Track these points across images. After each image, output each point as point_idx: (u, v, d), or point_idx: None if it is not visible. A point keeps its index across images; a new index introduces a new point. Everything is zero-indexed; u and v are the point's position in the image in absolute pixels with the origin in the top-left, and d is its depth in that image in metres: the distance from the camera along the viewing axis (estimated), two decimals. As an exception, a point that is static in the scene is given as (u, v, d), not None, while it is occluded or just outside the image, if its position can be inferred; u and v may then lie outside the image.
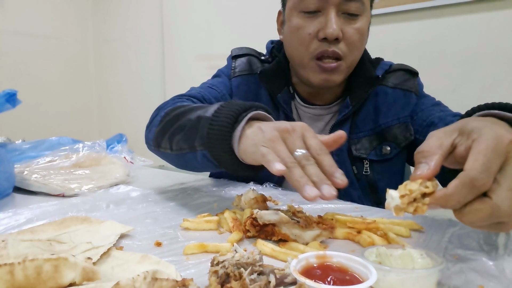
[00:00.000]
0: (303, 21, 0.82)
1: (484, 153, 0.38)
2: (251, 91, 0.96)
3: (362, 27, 0.82)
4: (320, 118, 0.94)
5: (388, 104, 0.89)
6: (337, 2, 0.79)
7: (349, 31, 0.81)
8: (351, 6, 0.80)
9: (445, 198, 0.39)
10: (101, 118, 3.24)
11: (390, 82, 0.91)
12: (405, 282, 0.38)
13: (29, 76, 2.76)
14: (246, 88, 0.96)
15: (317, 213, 0.59)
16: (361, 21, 0.82)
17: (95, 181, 0.87)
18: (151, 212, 0.69)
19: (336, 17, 0.79)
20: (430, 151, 0.42)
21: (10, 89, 0.83)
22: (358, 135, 0.90)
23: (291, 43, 0.87)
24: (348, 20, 0.81)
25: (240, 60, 1.00)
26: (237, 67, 0.98)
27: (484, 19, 1.42)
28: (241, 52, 1.01)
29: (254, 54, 1.00)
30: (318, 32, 0.80)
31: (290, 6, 0.85)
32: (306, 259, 0.40)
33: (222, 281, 0.36)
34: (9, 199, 0.78)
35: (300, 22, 0.82)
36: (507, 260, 0.48)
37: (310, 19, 0.81)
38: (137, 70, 2.86)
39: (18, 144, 1.10)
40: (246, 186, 0.90)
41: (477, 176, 0.37)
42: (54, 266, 0.37)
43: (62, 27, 2.97)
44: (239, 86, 0.97)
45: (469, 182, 0.38)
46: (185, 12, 2.49)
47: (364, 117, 0.90)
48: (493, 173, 0.38)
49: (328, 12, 0.79)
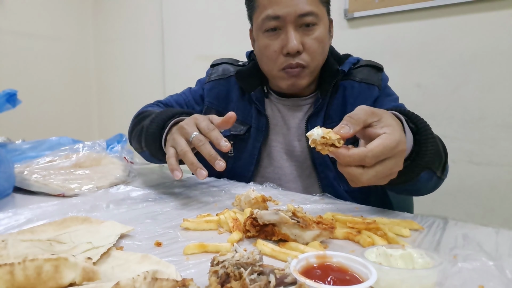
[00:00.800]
0: (268, 40, 0.93)
1: (383, 147, 0.54)
2: (221, 92, 1.10)
3: (320, 35, 0.91)
4: (299, 108, 1.03)
5: (355, 96, 0.97)
6: (293, 19, 0.88)
7: (308, 42, 0.90)
8: (306, 20, 0.89)
9: (341, 156, 0.55)
10: (101, 118, 3.24)
11: (357, 77, 0.99)
12: (405, 282, 0.38)
13: (29, 76, 2.76)
14: (217, 90, 1.10)
15: (317, 213, 0.59)
16: (318, 30, 0.91)
17: (95, 181, 0.87)
18: (151, 212, 0.69)
19: (295, 32, 0.89)
20: (356, 121, 0.56)
21: (10, 89, 0.83)
22: (331, 124, 0.96)
23: (261, 59, 0.98)
24: (306, 31, 0.90)
25: (216, 68, 1.15)
26: (213, 74, 1.13)
27: (484, 19, 1.42)
28: (219, 61, 1.16)
29: (230, 62, 1.15)
30: (282, 49, 0.91)
31: (255, 27, 0.97)
32: (306, 259, 0.40)
33: (222, 281, 0.36)
34: (9, 199, 0.78)
35: (266, 41, 0.93)
36: (507, 260, 0.48)
37: (274, 37, 0.92)
38: (137, 70, 2.86)
39: (18, 144, 1.10)
40: (246, 186, 0.90)
41: (369, 157, 0.53)
42: (54, 266, 0.37)
43: (62, 27, 2.97)
44: (211, 89, 1.11)
45: (363, 156, 0.53)
46: (185, 12, 2.49)
47: (335, 108, 0.98)
48: (378, 161, 0.55)
49: (287, 29, 0.89)
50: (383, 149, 0.54)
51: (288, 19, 0.88)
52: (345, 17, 1.72)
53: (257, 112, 1.03)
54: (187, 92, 1.16)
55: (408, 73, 1.60)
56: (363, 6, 1.66)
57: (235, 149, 1.04)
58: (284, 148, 1.03)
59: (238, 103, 1.07)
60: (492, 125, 1.44)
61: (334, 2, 1.71)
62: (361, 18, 1.69)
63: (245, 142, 1.04)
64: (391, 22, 1.62)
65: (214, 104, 1.09)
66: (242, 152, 1.04)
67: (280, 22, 0.89)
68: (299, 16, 0.88)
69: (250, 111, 1.05)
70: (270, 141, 1.04)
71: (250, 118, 1.04)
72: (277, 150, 1.03)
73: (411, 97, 1.60)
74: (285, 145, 1.03)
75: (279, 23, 0.90)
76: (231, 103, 1.08)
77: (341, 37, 1.73)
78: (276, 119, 1.04)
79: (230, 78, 1.10)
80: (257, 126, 1.03)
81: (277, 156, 1.03)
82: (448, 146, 0.82)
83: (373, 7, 1.63)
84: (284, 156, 1.02)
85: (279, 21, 0.89)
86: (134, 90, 2.90)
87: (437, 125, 1.54)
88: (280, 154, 1.03)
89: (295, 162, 1.01)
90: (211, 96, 1.10)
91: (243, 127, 1.04)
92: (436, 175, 0.74)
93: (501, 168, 1.43)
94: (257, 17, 0.95)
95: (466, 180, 1.50)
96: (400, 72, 1.62)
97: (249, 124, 1.04)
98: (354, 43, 1.71)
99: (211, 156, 0.69)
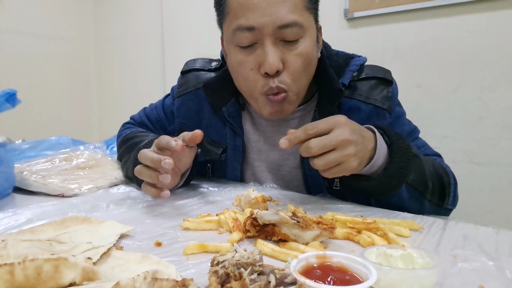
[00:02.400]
0: (242, 56, 0.76)
1: (315, 124, 0.63)
2: (191, 109, 0.95)
3: (304, 50, 0.74)
4: (285, 123, 0.89)
5: (362, 121, 0.76)
6: (271, 32, 0.72)
7: (290, 59, 0.74)
8: (287, 33, 0.72)
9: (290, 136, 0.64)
10: (101, 118, 3.24)
11: (363, 95, 0.84)
12: (405, 282, 0.38)
13: (29, 76, 2.76)
14: (186, 107, 0.96)
15: (317, 213, 0.59)
16: (303, 44, 0.74)
17: (95, 181, 0.87)
18: (151, 212, 0.69)
19: (274, 47, 0.73)
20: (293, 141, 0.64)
21: (10, 89, 0.82)
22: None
23: (237, 78, 0.81)
24: (288, 46, 0.74)
25: (186, 77, 0.98)
26: (182, 85, 0.97)
27: (484, 19, 1.42)
28: (191, 66, 0.98)
29: (201, 67, 0.97)
30: (259, 67, 0.75)
31: (226, 39, 0.80)
32: (306, 259, 0.40)
33: (222, 281, 0.36)
34: (9, 199, 0.78)
35: (239, 57, 0.76)
36: (507, 260, 0.48)
37: (249, 52, 0.75)
38: (137, 70, 2.86)
39: (18, 144, 1.10)
40: (246, 186, 0.90)
41: (306, 128, 0.63)
42: (54, 266, 0.37)
43: (62, 27, 2.97)
44: (180, 107, 0.97)
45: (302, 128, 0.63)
46: (185, 12, 2.49)
47: None
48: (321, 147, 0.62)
49: (264, 44, 0.73)
50: (315, 125, 0.62)
51: (266, 32, 0.71)
52: (345, 17, 1.72)
53: (232, 132, 0.90)
54: (159, 106, 1.05)
55: (409, 73, 1.60)
56: (363, 6, 1.66)
57: (216, 172, 0.96)
58: (268, 167, 0.92)
59: (210, 120, 0.93)
60: (492, 125, 1.44)
61: (334, 2, 1.73)
62: (361, 18, 1.69)
63: (224, 164, 0.93)
64: (391, 22, 1.62)
65: (186, 124, 0.96)
66: (224, 174, 0.94)
67: (255, 34, 0.72)
68: (279, 27, 0.71)
69: (224, 128, 0.92)
70: (251, 160, 0.92)
71: (226, 137, 0.91)
72: (261, 170, 0.92)
73: (411, 97, 1.60)
74: (269, 164, 0.92)
75: (254, 37, 0.73)
76: (203, 121, 0.94)
77: (341, 37, 1.73)
78: (256, 135, 0.91)
79: (200, 90, 0.93)
80: (233, 146, 0.91)
81: (261, 176, 0.92)
82: (448, 146, 0.82)
83: (373, 7, 1.63)
84: (269, 176, 0.92)
85: (254, 33, 0.72)
86: (134, 90, 2.90)
87: (437, 125, 1.55)
88: (265, 174, 0.92)
89: (281, 182, 0.91)
90: (180, 116, 0.97)
91: (217, 150, 0.92)
92: (426, 198, 0.73)
93: (501, 168, 1.43)
94: (227, 26, 0.77)
95: (466, 180, 1.50)
96: (400, 72, 1.61)
97: (225, 144, 0.91)
98: (354, 43, 1.71)
99: (154, 161, 0.67)
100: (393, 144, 0.68)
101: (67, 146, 1.11)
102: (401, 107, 0.91)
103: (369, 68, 0.88)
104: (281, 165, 0.91)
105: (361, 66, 0.87)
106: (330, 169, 0.63)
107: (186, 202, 0.76)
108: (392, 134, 0.70)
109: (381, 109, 0.83)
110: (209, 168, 0.97)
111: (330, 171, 0.64)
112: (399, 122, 0.87)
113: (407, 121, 0.91)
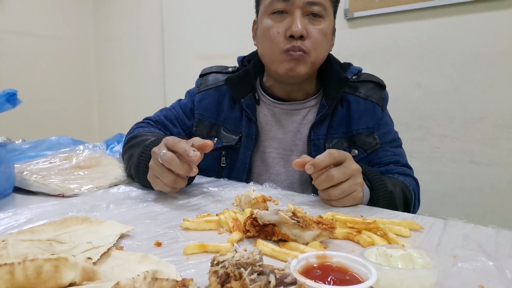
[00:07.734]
0: (273, 22, 0.93)
1: (328, 154, 0.72)
2: (212, 102, 1.08)
3: (324, 28, 0.92)
4: (296, 112, 1.03)
5: (360, 112, 0.99)
6: (302, 5, 0.89)
7: (313, 31, 0.91)
8: (314, 9, 0.90)
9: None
10: (101, 118, 3.24)
11: (362, 93, 1.01)
12: (405, 282, 0.38)
13: (29, 76, 2.76)
14: (207, 101, 1.09)
15: (317, 213, 0.59)
16: (324, 24, 0.92)
17: (95, 181, 0.87)
18: (151, 212, 0.69)
19: (301, 17, 0.90)
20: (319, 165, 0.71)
21: (10, 89, 0.83)
22: (332, 135, 0.99)
23: (263, 42, 0.96)
24: (312, 21, 0.91)
25: (205, 78, 1.13)
26: (202, 84, 1.12)
27: (484, 19, 1.42)
28: (208, 70, 1.14)
29: (219, 71, 1.13)
30: (285, 31, 0.90)
31: (261, 10, 0.97)
32: (306, 259, 0.40)
33: (222, 281, 0.36)
34: (9, 199, 0.78)
35: (270, 23, 0.93)
36: (507, 260, 0.48)
37: (279, 20, 0.92)
38: (137, 70, 2.86)
39: (18, 144, 1.10)
40: (246, 186, 0.90)
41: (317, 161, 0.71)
42: (54, 266, 0.37)
43: (62, 27, 2.97)
44: (200, 100, 1.09)
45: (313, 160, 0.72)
46: (185, 12, 2.49)
47: (339, 121, 0.99)
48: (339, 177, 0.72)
49: (294, 13, 0.90)
50: (328, 155, 0.71)
51: (297, 4, 0.89)
52: (345, 17, 1.72)
53: (247, 120, 1.03)
54: (176, 106, 1.15)
55: (409, 73, 1.60)
56: (363, 6, 1.66)
57: (228, 159, 1.04)
58: (280, 153, 1.02)
59: (229, 112, 1.06)
60: (493, 125, 1.44)
61: (334, 2, 1.72)
62: (361, 18, 1.69)
63: (237, 151, 1.03)
64: (391, 22, 1.62)
65: (205, 116, 1.08)
66: (234, 161, 1.04)
67: (288, 5, 0.90)
68: (308, 3, 0.89)
69: (241, 119, 1.04)
70: (263, 147, 1.03)
71: (241, 127, 1.04)
72: (272, 156, 1.03)
73: (412, 97, 1.60)
74: (282, 150, 1.02)
75: (287, 6, 0.90)
76: (222, 113, 1.07)
77: (341, 37, 1.73)
78: (269, 124, 1.04)
79: (221, 87, 1.08)
80: (247, 134, 1.02)
81: (272, 162, 1.03)
82: (449, 146, 0.84)
83: (373, 7, 1.64)
84: (281, 162, 1.02)
85: (287, 4, 0.90)
86: (134, 90, 2.90)
87: (438, 125, 1.55)
88: (276, 160, 1.02)
89: (291, 167, 1.00)
90: (201, 108, 1.08)
91: (234, 136, 1.03)
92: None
93: (501, 168, 1.43)
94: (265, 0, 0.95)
95: (466, 180, 1.50)
96: (400, 72, 1.62)
97: (240, 133, 1.03)
98: (354, 43, 1.71)
99: (182, 170, 0.71)
100: (374, 189, 0.80)
101: (67, 146, 1.11)
102: (390, 118, 1.07)
103: (366, 74, 1.05)
104: (292, 150, 1.02)
105: (359, 71, 1.05)
106: (342, 199, 0.72)
107: (186, 202, 0.76)
108: (372, 176, 0.81)
109: (377, 105, 1.00)
110: (223, 155, 1.05)
111: (342, 200, 0.72)
112: (386, 129, 1.03)
113: (394, 132, 1.06)
